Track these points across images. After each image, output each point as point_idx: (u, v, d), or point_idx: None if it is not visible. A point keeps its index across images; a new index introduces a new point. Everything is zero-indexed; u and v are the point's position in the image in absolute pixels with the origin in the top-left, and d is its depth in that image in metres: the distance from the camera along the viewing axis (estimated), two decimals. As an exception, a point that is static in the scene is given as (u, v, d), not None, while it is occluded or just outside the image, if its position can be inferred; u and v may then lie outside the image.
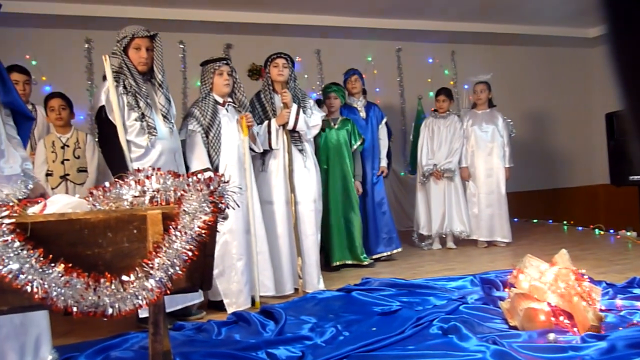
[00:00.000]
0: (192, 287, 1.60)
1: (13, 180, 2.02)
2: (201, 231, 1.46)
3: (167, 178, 1.57)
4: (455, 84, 7.72)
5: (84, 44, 6.08)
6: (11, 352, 2.17)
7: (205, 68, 3.89)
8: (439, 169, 5.64)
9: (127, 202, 1.56)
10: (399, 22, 6.84)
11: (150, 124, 3.31)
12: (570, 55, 8.28)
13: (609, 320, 2.93)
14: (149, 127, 3.31)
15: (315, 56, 7.14)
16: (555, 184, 8.28)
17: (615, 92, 0.59)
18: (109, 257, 1.47)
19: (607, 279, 3.82)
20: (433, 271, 4.61)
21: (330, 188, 4.90)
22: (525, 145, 7.68)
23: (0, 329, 2.13)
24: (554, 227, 6.84)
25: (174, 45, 6.35)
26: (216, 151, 3.74)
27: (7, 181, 2.04)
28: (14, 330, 2.18)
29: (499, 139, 5.71)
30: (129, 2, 5.64)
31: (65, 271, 1.34)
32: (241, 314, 3.40)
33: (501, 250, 5.51)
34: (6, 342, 2.16)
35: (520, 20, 7.11)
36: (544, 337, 2.72)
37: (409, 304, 3.51)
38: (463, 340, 2.74)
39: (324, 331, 3.04)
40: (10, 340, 2.17)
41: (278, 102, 4.17)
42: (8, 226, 1.33)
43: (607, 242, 5.66)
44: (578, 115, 8.41)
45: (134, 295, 1.39)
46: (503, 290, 3.56)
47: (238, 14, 6.17)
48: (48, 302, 1.33)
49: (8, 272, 1.30)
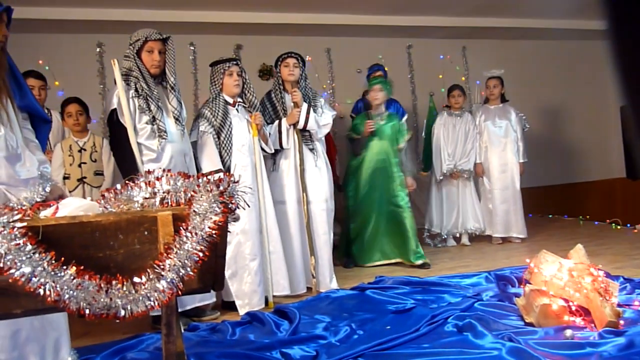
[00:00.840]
0: (204, 288, 1.60)
1: (30, 184, 2.05)
2: (212, 232, 1.46)
3: (177, 179, 1.57)
4: (466, 79, 7.67)
5: (96, 48, 6.12)
6: (32, 355, 2.20)
7: (215, 69, 3.89)
8: (457, 169, 5.60)
9: (137, 204, 1.57)
10: (409, 19, 6.80)
11: (160, 127, 3.32)
12: (582, 47, 8.18)
13: (627, 316, 2.89)
14: (159, 131, 3.32)
15: (325, 55, 7.13)
16: (571, 179, 8.19)
17: (617, 88, 0.59)
18: (121, 259, 1.47)
19: (624, 273, 3.77)
20: (447, 268, 4.59)
21: (377, 185, 4.88)
22: (539, 139, 7.61)
23: (20, 332, 2.15)
24: (569, 222, 6.77)
25: (185, 47, 6.37)
26: (227, 152, 3.75)
27: (25, 184, 2.07)
28: (34, 333, 2.20)
29: (512, 134, 5.66)
30: (140, 5, 5.66)
31: (77, 274, 1.35)
32: (255, 314, 3.41)
33: (516, 246, 5.46)
34: (26, 345, 2.19)
35: (530, 14, 7.03)
36: (560, 334, 2.69)
37: (424, 301, 3.50)
38: (478, 337, 2.72)
39: (338, 330, 3.04)
40: (30, 342, 2.19)
41: (289, 102, 4.17)
42: (20, 230, 1.34)
43: (624, 236, 5.59)
44: (593, 109, 8.31)
45: (145, 296, 1.39)
46: (518, 287, 3.53)
47: (248, 15, 6.17)
48: (61, 305, 1.34)
49: (21, 276, 1.31)
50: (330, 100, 6.99)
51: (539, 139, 7.58)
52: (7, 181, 2.08)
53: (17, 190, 2.08)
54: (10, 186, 2.09)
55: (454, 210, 5.68)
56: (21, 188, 2.08)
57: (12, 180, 2.09)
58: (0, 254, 1.30)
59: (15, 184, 2.09)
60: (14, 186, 2.09)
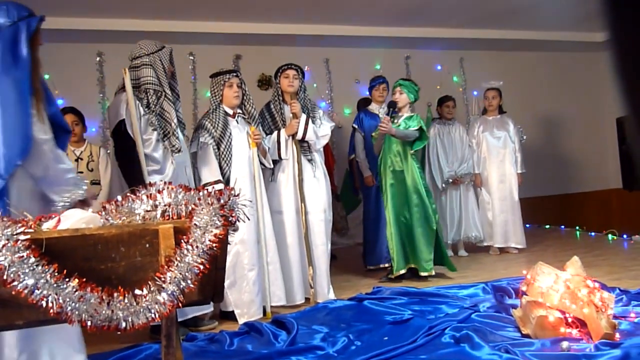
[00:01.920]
0: (204, 300, 1.62)
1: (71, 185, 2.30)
2: (212, 244, 1.48)
3: (179, 192, 1.59)
4: (464, 90, 7.72)
5: (96, 57, 6.16)
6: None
7: (215, 80, 3.92)
8: (457, 176, 5.65)
9: (139, 217, 1.59)
10: (407, 30, 6.85)
11: (173, 143, 3.34)
12: (579, 59, 8.25)
13: (623, 328, 2.91)
14: (171, 146, 3.33)
15: (324, 65, 7.18)
16: (567, 189, 8.23)
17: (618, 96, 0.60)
18: (122, 271, 1.49)
19: (621, 285, 3.78)
20: (444, 279, 4.60)
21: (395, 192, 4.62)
22: (536, 150, 7.65)
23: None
24: (566, 233, 6.79)
25: (184, 57, 6.41)
26: (227, 163, 3.77)
27: (66, 185, 2.29)
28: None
29: (510, 145, 5.71)
30: (140, 15, 5.70)
31: (80, 286, 1.36)
32: (253, 324, 3.41)
33: (514, 257, 5.48)
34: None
35: (528, 26, 7.10)
36: (557, 346, 2.70)
37: (421, 312, 3.50)
38: (475, 349, 2.73)
39: (335, 341, 3.05)
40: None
41: (288, 113, 4.19)
42: (24, 242, 1.36)
43: (621, 247, 5.61)
44: (589, 120, 8.37)
45: (146, 308, 1.41)
46: (515, 298, 3.55)
47: (246, 25, 6.22)
48: (63, 317, 1.36)
49: (24, 288, 1.33)
50: (329, 110, 7.02)
51: (536, 150, 7.62)
52: (53, 181, 2.25)
53: (60, 190, 2.26)
54: (54, 186, 2.26)
55: (455, 219, 5.70)
56: (63, 188, 2.26)
57: (56, 181, 2.25)
58: (4, 266, 1.32)
59: (58, 184, 2.25)
60: (57, 186, 2.26)
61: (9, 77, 2.16)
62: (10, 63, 2.19)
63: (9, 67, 2.18)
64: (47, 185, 2.25)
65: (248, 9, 5.77)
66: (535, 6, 6.26)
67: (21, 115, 2.15)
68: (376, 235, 5.07)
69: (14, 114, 2.13)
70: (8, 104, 2.14)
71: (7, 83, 2.16)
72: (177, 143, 3.36)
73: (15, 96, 2.15)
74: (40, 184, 2.25)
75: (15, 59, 2.20)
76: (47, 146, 2.24)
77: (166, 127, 3.34)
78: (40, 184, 2.25)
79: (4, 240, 1.32)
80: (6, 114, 2.13)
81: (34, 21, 2.32)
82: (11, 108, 2.14)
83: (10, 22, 2.25)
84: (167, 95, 3.35)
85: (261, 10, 5.85)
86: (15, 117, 2.14)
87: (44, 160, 2.22)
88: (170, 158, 3.38)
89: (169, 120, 3.35)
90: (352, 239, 6.74)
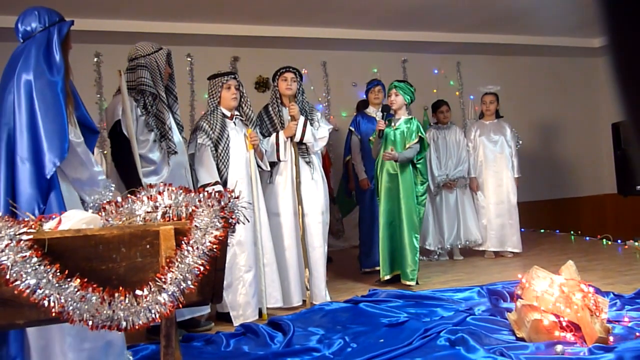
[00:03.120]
0: (203, 301, 1.63)
1: (101, 186, 2.40)
2: (213, 246, 1.49)
3: (179, 194, 1.60)
4: (460, 94, 7.75)
5: (94, 58, 6.16)
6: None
7: (213, 82, 3.94)
8: (450, 179, 5.66)
9: (139, 218, 1.60)
10: (405, 34, 6.88)
11: (170, 145, 3.36)
12: (576, 65, 8.31)
13: (617, 332, 2.93)
14: (168, 147, 3.35)
15: (321, 68, 7.20)
16: (562, 194, 8.27)
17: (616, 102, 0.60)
18: (123, 271, 1.50)
19: (615, 289, 3.81)
20: (440, 282, 4.62)
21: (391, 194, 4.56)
22: (532, 155, 7.69)
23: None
24: (561, 238, 6.82)
25: (182, 59, 6.42)
26: (225, 164, 3.79)
27: (97, 186, 2.39)
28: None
29: (507, 150, 5.73)
30: (138, 17, 5.72)
31: (81, 286, 1.38)
32: (249, 325, 3.42)
33: (509, 261, 5.51)
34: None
35: (525, 31, 7.15)
36: (551, 349, 2.73)
37: (416, 315, 3.52)
38: (470, 351, 2.75)
39: (332, 343, 3.07)
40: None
41: (286, 115, 4.21)
42: (26, 242, 1.37)
43: (615, 252, 5.65)
44: (585, 125, 8.42)
45: (147, 309, 1.42)
46: (510, 302, 3.57)
47: (244, 27, 6.24)
48: (64, 317, 1.37)
49: (26, 287, 1.34)
50: (326, 113, 7.04)
51: (531, 155, 7.67)
52: (85, 182, 2.36)
53: (91, 191, 2.36)
54: (86, 187, 2.36)
55: (452, 224, 5.71)
56: (94, 190, 2.37)
57: (88, 182, 2.36)
58: (7, 265, 1.33)
59: (90, 185, 2.36)
60: (88, 187, 2.36)
61: (44, 82, 2.25)
62: (45, 68, 2.28)
63: (44, 72, 2.27)
64: (80, 186, 2.36)
65: (246, 11, 5.79)
66: (532, 12, 6.31)
67: (59, 118, 2.24)
68: (371, 238, 5.08)
69: (52, 117, 2.23)
70: (47, 108, 2.23)
71: (44, 87, 2.25)
72: (172, 145, 3.38)
73: (51, 100, 2.24)
74: (74, 184, 2.35)
75: (49, 63, 2.29)
76: (80, 148, 2.34)
77: (162, 128, 3.36)
78: (74, 184, 2.35)
79: (7, 240, 1.34)
80: (45, 117, 2.22)
81: (65, 26, 2.42)
82: (50, 111, 2.23)
83: (42, 27, 2.35)
84: (161, 97, 3.37)
85: (259, 12, 5.86)
86: (53, 120, 2.23)
87: (77, 162, 2.33)
88: (167, 159, 3.39)
89: (163, 122, 3.37)
90: (348, 242, 6.76)
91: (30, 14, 2.38)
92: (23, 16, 2.39)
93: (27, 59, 2.28)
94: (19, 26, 2.39)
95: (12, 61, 2.35)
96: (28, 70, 2.26)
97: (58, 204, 2.18)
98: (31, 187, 2.18)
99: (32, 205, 2.14)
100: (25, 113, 2.22)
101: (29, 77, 2.25)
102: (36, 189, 2.17)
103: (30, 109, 2.22)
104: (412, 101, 4.75)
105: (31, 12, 2.38)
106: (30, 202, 2.15)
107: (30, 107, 2.22)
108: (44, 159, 2.19)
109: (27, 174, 2.19)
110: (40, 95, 2.23)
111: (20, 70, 2.26)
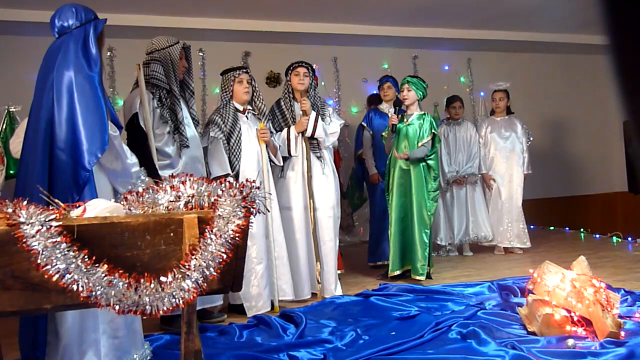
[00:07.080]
0: (224, 288, 1.67)
1: (134, 177, 2.50)
2: (235, 234, 1.52)
3: (201, 183, 1.64)
4: (471, 91, 7.75)
5: (106, 52, 6.20)
6: None
7: (226, 76, 3.97)
8: (461, 175, 5.67)
9: (163, 207, 1.64)
10: (415, 30, 6.88)
11: (183, 137, 3.40)
12: (586, 62, 8.27)
13: (628, 327, 2.95)
14: (181, 139, 3.39)
15: (332, 63, 7.22)
16: (572, 192, 8.25)
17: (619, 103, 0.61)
18: (147, 258, 1.54)
19: (625, 286, 3.82)
20: (450, 277, 4.64)
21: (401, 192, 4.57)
22: (542, 152, 7.68)
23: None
24: (570, 235, 6.82)
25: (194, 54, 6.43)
26: (237, 157, 3.82)
27: (130, 178, 2.49)
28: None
29: (518, 146, 5.74)
30: (150, 11, 5.75)
31: (108, 271, 1.41)
32: (262, 317, 3.46)
33: (518, 257, 5.52)
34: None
35: (535, 28, 7.13)
36: (562, 343, 2.75)
37: (427, 309, 3.55)
38: (482, 344, 2.77)
39: (344, 335, 3.10)
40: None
41: (298, 110, 4.24)
42: (56, 228, 1.41)
43: (625, 250, 5.65)
44: (595, 123, 8.39)
45: (171, 295, 1.45)
46: (521, 297, 3.59)
47: (256, 23, 6.26)
48: (92, 301, 1.41)
49: (56, 272, 1.37)
50: (336, 108, 7.06)
51: (541, 152, 7.65)
52: (120, 173, 2.45)
53: (125, 182, 2.45)
54: (120, 178, 2.45)
55: (463, 220, 5.73)
56: (128, 181, 2.46)
57: (123, 174, 2.45)
58: (38, 250, 1.37)
59: (124, 176, 2.46)
60: (123, 178, 2.45)
61: (83, 76, 2.33)
62: (83, 62, 2.36)
63: (83, 67, 2.35)
64: (115, 178, 2.45)
65: (257, 6, 5.81)
66: (542, 8, 6.29)
67: (99, 111, 2.32)
68: (379, 233, 5.12)
69: (93, 110, 2.31)
70: (87, 101, 2.31)
71: (83, 82, 2.33)
72: (185, 138, 3.42)
73: (91, 94, 2.33)
74: (109, 176, 2.44)
75: (87, 58, 2.37)
76: (116, 141, 2.42)
77: (175, 121, 3.40)
78: (109, 176, 2.44)
79: (37, 226, 1.37)
80: (86, 110, 2.30)
81: (100, 23, 2.51)
82: (90, 105, 2.31)
83: (78, 24, 2.44)
84: (174, 90, 3.41)
85: (271, 8, 5.89)
86: (95, 113, 2.31)
87: (114, 154, 2.40)
88: (179, 152, 3.43)
89: (176, 114, 3.41)
90: (358, 237, 6.79)
91: (68, 11, 2.46)
92: (60, 12, 2.47)
93: (66, 54, 2.36)
94: (55, 21, 2.47)
95: (49, 56, 2.43)
96: (68, 65, 2.34)
97: (91, 195, 2.22)
98: (67, 178, 2.24)
99: (66, 196, 2.18)
100: (66, 106, 2.29)
101: (69, 72, 2.33)
102: (72, 180, 2.24)
103: (70, 102, 2.30)
104: (424, 97, 4.76)
105: (68, 8, 2.46)
106: (65, 193, 2.21)
107: (70, 100, 2.30)
108: (82, 151, 2.26)
109: (64, 165, 2.25)
110: (80, 89, 2.30)
111: (60, 65, 2.34)
